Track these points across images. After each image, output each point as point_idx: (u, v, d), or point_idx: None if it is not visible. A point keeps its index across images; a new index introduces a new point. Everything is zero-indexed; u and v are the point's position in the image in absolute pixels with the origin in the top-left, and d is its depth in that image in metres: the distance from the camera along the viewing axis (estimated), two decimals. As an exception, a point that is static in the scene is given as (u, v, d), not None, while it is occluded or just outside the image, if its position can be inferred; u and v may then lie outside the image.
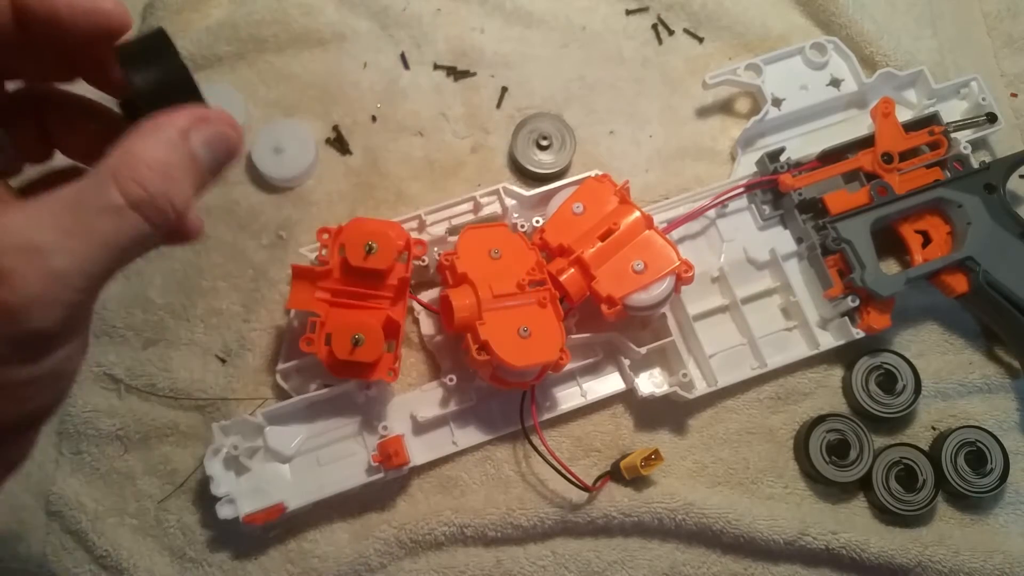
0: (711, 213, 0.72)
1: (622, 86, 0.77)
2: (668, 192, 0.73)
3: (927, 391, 0.69)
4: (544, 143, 0.73)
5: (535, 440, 0.64)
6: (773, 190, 0.71)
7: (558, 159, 0.73)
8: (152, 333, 0.69)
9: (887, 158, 0.70)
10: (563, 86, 0.77)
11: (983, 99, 0.74)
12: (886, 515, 0.67)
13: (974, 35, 0.81)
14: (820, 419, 0.67)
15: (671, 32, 0.79)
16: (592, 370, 0.68)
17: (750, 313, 0.69)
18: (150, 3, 0.78)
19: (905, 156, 0.70)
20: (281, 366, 0.65)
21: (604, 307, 0.61)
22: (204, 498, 0.65)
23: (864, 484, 0.67)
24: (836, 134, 0.74)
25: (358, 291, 0.62)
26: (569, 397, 0.67)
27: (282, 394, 0.66)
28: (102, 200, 0.29)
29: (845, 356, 0.70)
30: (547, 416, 0.66)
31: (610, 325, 0.65)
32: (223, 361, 0.68)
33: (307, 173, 0.73)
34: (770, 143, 0.74)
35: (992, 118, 0.73)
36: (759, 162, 0.72)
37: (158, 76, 0.33)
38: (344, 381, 0.63)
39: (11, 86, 0.37)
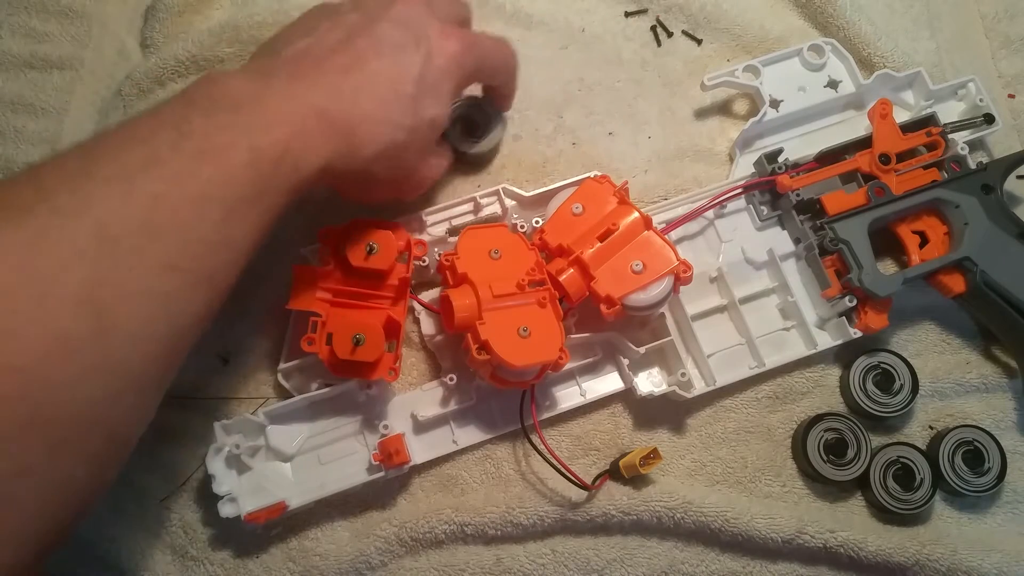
0: (709, 214, 0.72)
1: (621, 88, 0.78)
2: (667, 193, 0.74)
3: (924, 390, 0.70)
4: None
5: (535, 439, 0.65)
6: (771, 191, 0.72)
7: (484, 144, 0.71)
8: (154, 333, 0.69)
9: (884, 159, 0.70)
10: (562, 88, 0.77)
11: (980, 100, 0.74)
12: (884, 514, 0.67)
13: (972, 36, 0.81)
14: (818, 418, 0.67)
15: (670, 34, 0.80)
16: (591, 369, 0.68)
17: (748, 313, 0.69)
18: (152, 5, 0.78)
19: (903, 157, 0.71)
20: (282, 366, 0.65)
21: (603, 307, 0.62)
22: (206, 497, 0.65)
23: (862, 483, 0.68)
24: (834, 135, 0.74)
25: (359, 291, 0.62)
26: (568, 396, 0.68)
27: (283, 393, 0.67)
28: None
29: (843, 356, 0.71)
30: (546, 415, 0.67)
31: (609, 325, 0.65)
32: (225, 361, 0.69)
33: (308, 174, 0.73)
34: (768, 144, 0.75)
35: (989, 119, 0.73)
36: (757, 163, 0.72)
37: None
38: (345, 380, 0.64)
39: None
